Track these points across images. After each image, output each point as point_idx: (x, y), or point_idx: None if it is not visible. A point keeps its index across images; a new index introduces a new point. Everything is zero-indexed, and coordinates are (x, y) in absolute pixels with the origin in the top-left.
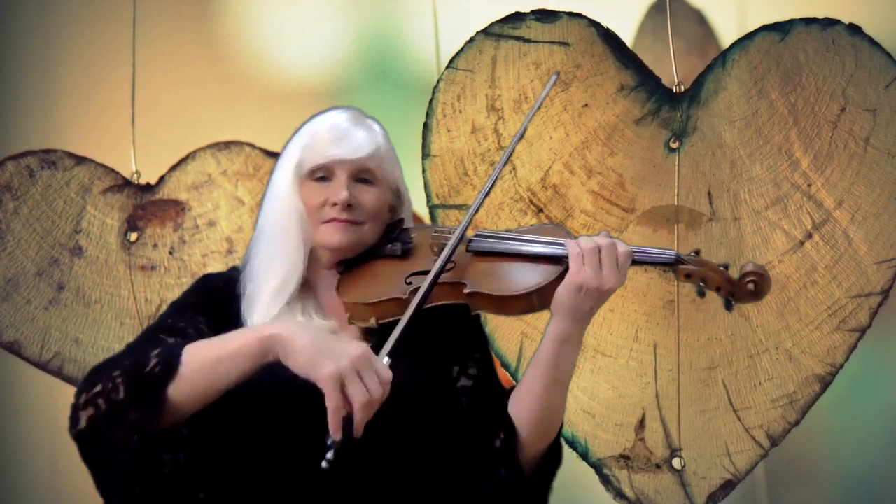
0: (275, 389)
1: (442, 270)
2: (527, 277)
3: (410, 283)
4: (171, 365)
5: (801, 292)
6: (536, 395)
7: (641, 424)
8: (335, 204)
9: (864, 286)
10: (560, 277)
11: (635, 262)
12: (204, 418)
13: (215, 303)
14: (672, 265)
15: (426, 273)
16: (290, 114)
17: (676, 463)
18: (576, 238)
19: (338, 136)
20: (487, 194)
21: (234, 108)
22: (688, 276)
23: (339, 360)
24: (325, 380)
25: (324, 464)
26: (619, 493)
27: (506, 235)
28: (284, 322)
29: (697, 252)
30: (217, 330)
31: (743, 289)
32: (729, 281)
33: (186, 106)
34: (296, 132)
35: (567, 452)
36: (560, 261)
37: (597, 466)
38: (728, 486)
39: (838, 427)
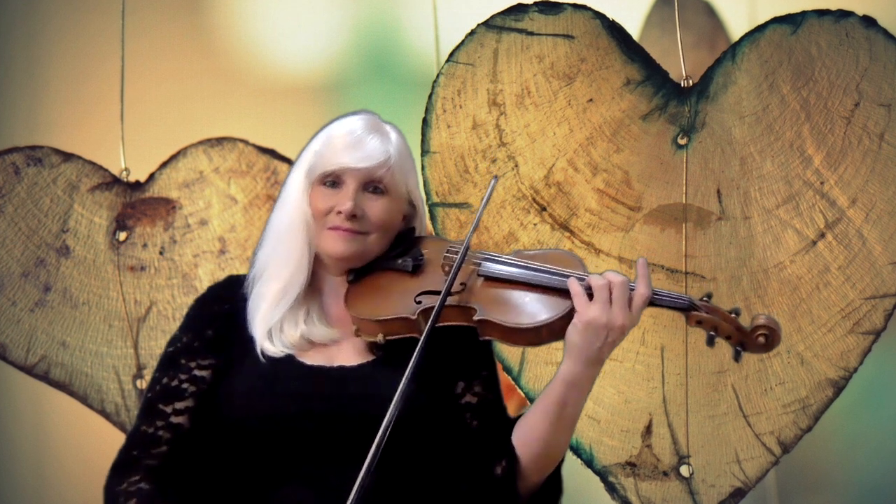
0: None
1: (441, 310)
2: (537, 310)
3: (420, 303)
4: None
5: (813, 294)
6: (540, 431)
7: (648, 430)
8: (340, 212)
9: (879, 287)
10: (570, 312)
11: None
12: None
13: (214, 325)
14: (684, 311)
15: (435, 293)
16: (284, 109)
17: (684, 470)
18: (586, 268)
19: (350, 143)
20: (477, 226)
21: (226, 104)
22: (699, 323)
23: None
24: None
25: None
26: (624, 501)
27: (517, 262)
28: None
29: (709, 296)
30: (223, 357)
31: (754, 341)
32: (739, 330)
33: (177, 101)
34: (314, 136)
35: (572, 459)
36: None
37: (602, 474)
38: (738, 495)
39: (852, 433)
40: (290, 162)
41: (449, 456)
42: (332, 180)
